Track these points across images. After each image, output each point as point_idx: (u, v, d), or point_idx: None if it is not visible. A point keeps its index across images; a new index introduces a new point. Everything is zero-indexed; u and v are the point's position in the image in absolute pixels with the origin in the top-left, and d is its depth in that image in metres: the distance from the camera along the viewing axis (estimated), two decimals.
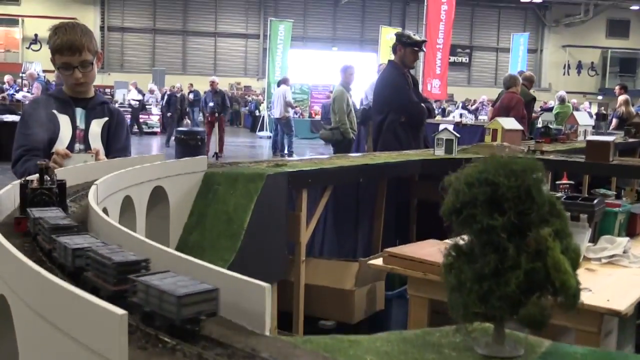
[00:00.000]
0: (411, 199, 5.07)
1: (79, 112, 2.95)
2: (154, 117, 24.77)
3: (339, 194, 4.14)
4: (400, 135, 5.62)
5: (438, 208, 4.01)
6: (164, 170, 2.61)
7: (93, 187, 1.83)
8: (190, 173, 2.82)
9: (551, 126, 6.64)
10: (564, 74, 41.44)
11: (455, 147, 4.51)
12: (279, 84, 17.90)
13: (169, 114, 20.23)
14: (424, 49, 6.31)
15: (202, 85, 34.55)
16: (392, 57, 6.28)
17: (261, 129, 25.19)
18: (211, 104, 16.10)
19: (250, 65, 41.96)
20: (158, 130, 24.36)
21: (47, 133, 2.84)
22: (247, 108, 33.61)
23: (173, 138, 13.34)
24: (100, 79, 38.66)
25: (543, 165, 0.86)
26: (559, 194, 2.78)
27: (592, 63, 41.89)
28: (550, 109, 16.97)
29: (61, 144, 2.85)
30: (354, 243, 4.57)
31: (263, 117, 25.40)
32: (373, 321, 3.46)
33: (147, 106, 25.30)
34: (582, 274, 2.44)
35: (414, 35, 5.88)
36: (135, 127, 22.12)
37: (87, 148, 2.91)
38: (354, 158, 3.93)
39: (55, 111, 2.89)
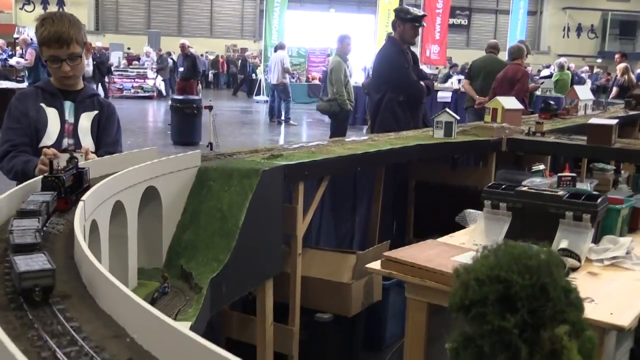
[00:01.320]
0: (409, 180, 5.01)
1: (68, 105, 2.85)
2: (150, 81, 24.49)
3: (337, 180, 4.07)
4: (399, 115, 5.52)
5: (436, 189, 3.93)
6: (156, 170, 2.53)
7: (80, 205, 1.75)
8: (183, 170, 2.74)
9: (551, 101, 6.53)
10: (563, 37, 41.05)
11: (454, 129, 4.43)
12: (275, 49, 17.67)
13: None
14: (424, 24, 6.17)
15: (198, 47, 34.24)
16: (392, 33, 6.15)
17: (258, 93, 24.95)
18: (181, 69, 15.27)
19: (246, 27, 41.48)
20: (154, 94, 24.14)
21: (35, 128, 2.76)
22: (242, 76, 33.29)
23: (169, 104, 13.07)
24: (94, 41, 38.20)
25: (561, 260, 0.79)
26: (560, 192, 2.70)
27: (592, 26, 41.47)
28: (550, 77, 16.80)
29: (49, 139, 2.77)
30: (352, 226, 4.52)
31: (260, 81, 25.13)
32: (370, 313, 3.43)
33: (142, 70, 24.96)
34: (584, 278, 2.39)
35: (413, 10, 5.75)
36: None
37: (77, 142, 2.83)
38: (352, 144, 3.84)
39: (42, 104, 2.80)
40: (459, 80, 17.70)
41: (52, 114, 2.80)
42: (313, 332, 3.31)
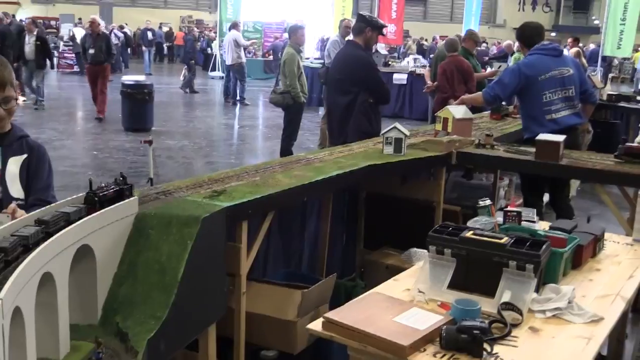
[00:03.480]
0: (360, 191, 4.97)
1: None
2: None
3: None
4: (371, 116, 5.72)
5: (387, 201, 3.88)
6: (89, 227, 2.41)
7: None
8: (119, 220, 2.64)
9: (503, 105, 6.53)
10: (519, 10, 41.33)
11: (404, 145, 4.39)
12: (230, 28, 17.35)
13: (192, 62, 19.01)
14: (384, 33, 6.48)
15: (153, 18, 33.50)
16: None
17: (213, 69, 24.56)
18: (91, 51, 13.02)
19: None
20: None
21: None
22: (198, 44, 32.67)
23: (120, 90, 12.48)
24: (45, 11, 37.02)
25: None
26: (504, 239, 2.68)
27: None
28: (502, 57, 16.86)
29: None
30: (300, 244, 4.47)
31: (215, 56, 24.72)
32: (317, 347, 3.39)
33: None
34: (525, 336, 2.38)
35: (377, 18, 6.02)
36: None
37: (4, 190, 2.69)
38: (299, 170, 3.76)
39: None
40: (415, 60, 17.67)
41: None
42: None
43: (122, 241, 2.68)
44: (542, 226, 3.48)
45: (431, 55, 19.17)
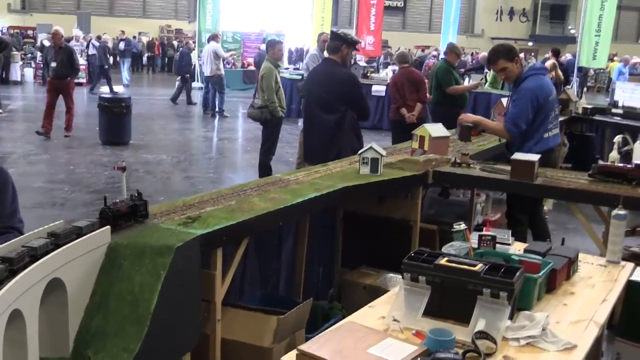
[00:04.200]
0: (337, 210, 4.97)
1: None
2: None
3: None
4: (359, 133, 5.90)
5: (364, 220, 3.86)
6: (60, 260, 2.39)
7: None
8: (91, 251, 2.61)
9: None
10: (496, 20, 41.77)
11: (380, 166, 4.40)
12: (208, 40, 17.31)
13: (187, 75, 19.06)
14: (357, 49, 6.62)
15: (131, 28, 33.37)
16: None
17: (192, 80, 24.40)
18: (53, 64, 12.16)
19: (181, 7, 40.68)
20: (84, 81, 23.47)
21: None
22: (178, 54, 32.59)
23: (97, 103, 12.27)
24: (22, 20, 36.72)
25: None
26: (478, 266, 2.68)
27: (524, 9, 42.30)
28: (479, 68, 16.97)
29: None
30: (277, 264, 4.45)
31: (194, 66, 24.60)
32: None
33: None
34: None
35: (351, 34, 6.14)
36: None
37: None
38: (275, 192, 3.75)
39: None
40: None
41: None
42: None
43: (94, 272, 2.65)
44: (517, 248, 3.50)
45: None
